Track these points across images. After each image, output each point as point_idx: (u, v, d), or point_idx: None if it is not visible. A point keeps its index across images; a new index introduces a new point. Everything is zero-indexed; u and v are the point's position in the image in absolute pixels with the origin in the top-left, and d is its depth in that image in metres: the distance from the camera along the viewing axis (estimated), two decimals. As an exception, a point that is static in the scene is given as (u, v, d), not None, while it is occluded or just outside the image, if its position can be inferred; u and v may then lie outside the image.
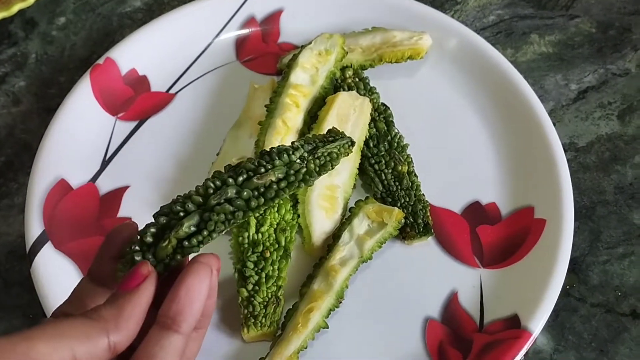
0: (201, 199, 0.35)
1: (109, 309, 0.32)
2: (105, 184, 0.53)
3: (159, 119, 0.56)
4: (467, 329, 0.46)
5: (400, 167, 0.51)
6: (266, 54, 0.60)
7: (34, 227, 0.49)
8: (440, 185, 0.52)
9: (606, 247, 0.51)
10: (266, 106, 0.53)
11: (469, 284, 0.48)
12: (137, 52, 0.58)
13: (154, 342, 0.32)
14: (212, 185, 0.36)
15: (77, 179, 0.52)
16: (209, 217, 0.35)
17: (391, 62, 0.57)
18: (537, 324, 0.45)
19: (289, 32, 0.61)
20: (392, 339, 0.46)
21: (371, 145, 0.52)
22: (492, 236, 0.50)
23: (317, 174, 0.38)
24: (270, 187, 0.36)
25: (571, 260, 0.47)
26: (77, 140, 0.53)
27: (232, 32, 0.61)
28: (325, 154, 0.39)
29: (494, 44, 0.59)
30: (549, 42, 0.63)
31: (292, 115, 0.51)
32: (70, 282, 0.47)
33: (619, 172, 0.55)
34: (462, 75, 0.58)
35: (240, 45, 0.60)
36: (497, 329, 0.46)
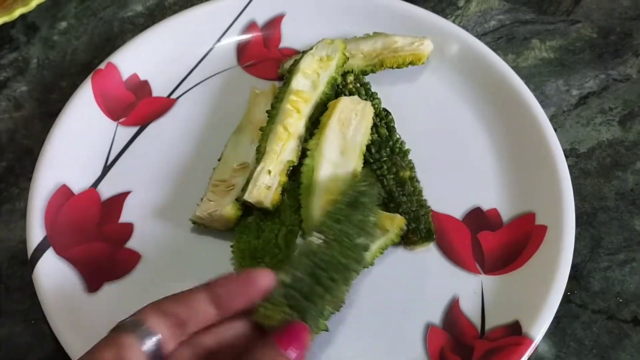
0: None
1: None
2: (106, 190, 0.53)
3: (161, 124, 0.56)
4: (468, 336, 0.46)
5: (402, 173, 0.51)
6: (267, 59, 0.60)
7: (36, 232, 0.49)
8: (441, 191, 0.52)
9: (607, 253, 0.51)
10: (267, 112, 0.53)
11: (470, 290, 0.48)
12: (139, 57, 0.58)
13: None
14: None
15: (79, 184, 0.52)
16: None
17: (392, 68, 0.57)
18: (538, 330, 0.45)
19: (291, 37, 0.61)
20: (393, 345, 0.46)
21: (373, 150, 0.53)
22: (493, 242, 0.50)
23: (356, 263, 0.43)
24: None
25: (572, 266, 0.47)
26: (78, 145, 0.53)
27: (234, 37, 0.61)
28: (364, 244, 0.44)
29: (495, 50, 0.59)
30: (550, 48, 0.63)
31: (294, 120, 0.52)
32: (71, 288, 0.48)
33: (620, 178, 0.55)
34: (463, 80, 0.58)
35: (241, 50, 0.60)
36: (498, 336, 0.46)
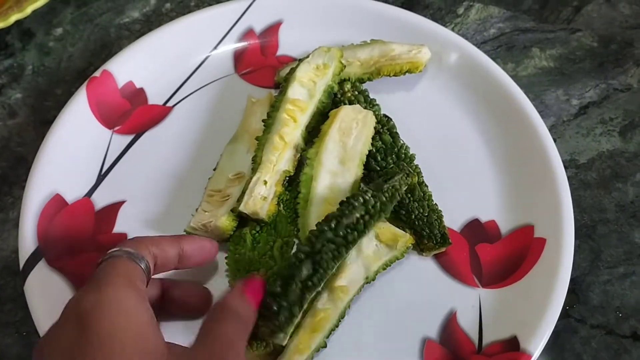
0: (308, 248, 0.43)
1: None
2: (100, 199, 0.52)
3: (156, 133, 0.56)
4: (465, 351, 0.46)
5: (404, 174, 0.51)
6: (265, 66, 0.59)
7: (28, 242, 0.48)
8: (439, 202, 0.51)
9: (607, 266, 0.51)
10: (263, 121, 0.52)
11: (468, 303, 0.48)
12: (135, 65, 0.57)
13: None
14: (313, 237, 0.44)
15: (73, 193, 0.52)
16: (320, 257, 0.43)
17: (389, 76, 0.56)
18: (536, 346, 0.44)
19: (288, 44, 0.60)
20: (389, 359, 0.46)
21: (379, 158, 0.52)
22: (492, 255, 0.50)
23: (390, 203, 0.47)
24: (358, 223, 0.44)
25: (571, 280, 0.47)
26: (73, 154, 0.53)
27: (231, 45, 0.60)
28: (389, 187, 0.47)
29: (494, 58, 0.58)
30: (550, 57, 0.62)
31: (290, 130, 0.51)
32: (64, 299, 0.47)
33: (620, 189, 0.54)
34: (462, 89, 0.57)
35: (238, 57, 0.60)
36: (496, 351, 0.45)
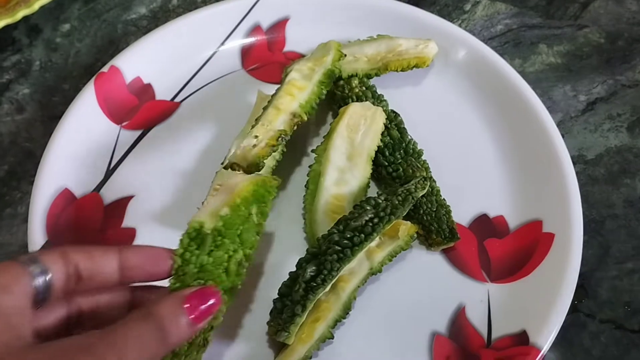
0: (315, 249, 0.44)
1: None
2: (109, 194, 0.52)
3: (164, 128, 0.56)
4: (474, 345, 0.46)
5: (418, 174, 0.51)
6: (272, 62, 0.59)
7: (37, 237, 0.48)
8: (447, 197, 0.51)
9: (615, 261, 0.51)
10: (263, 108, 0.52)
11: (477, 298, 0.48)
12: (142, 60, 0.57)
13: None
14: (321, 238, 0.45)
15: (81, 188, 0.52)
16: (324, 258, 0.43)
17: (397, 71, 0.57)
18: (545, 340, 0.44)
19: (295, 40, 0.60)
20: (398, 354, 0.46)
21: (387, 153, 0.52)
22: (500, 250, 0.50)
23: (402, 207, 0.46)
24: (366, 226, 0.45)
25: (580, 274, 0.47)
26: (81, 149, 0.53)
27: (238, 41, 0.60)
28: (404, 191, 0.47)
29: (501, 54, 0.58)
30: (557, 53, 0.62)
31: (286, 101, 0.50)
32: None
33: (628, 185, 0.54)
34: (470, 86, 0.57)
35: (245, 53, 0.60)
36: (505, 345, 0.45)
